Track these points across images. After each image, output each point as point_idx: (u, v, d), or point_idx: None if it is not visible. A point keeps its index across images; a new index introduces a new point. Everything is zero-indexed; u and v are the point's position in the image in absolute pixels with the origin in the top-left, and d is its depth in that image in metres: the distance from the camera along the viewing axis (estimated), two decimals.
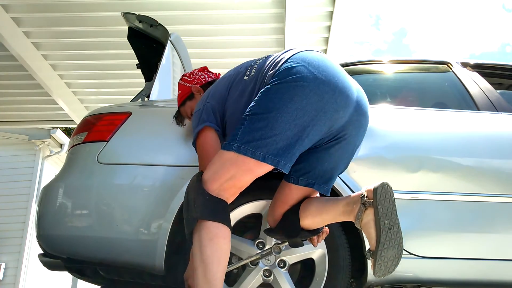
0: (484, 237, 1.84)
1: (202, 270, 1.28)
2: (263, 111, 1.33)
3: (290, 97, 1.31)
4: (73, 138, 1.97)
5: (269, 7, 4.02)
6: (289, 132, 1.31)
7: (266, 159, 1.31)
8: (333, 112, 1.36)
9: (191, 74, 1.87)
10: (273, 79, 1.37)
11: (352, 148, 1.52)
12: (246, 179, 1.37)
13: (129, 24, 2.49)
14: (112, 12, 3.95)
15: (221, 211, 1.34)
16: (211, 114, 1.57)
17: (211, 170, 1.37)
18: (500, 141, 1.96)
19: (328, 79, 1.35)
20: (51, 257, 1.84)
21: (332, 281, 1.73)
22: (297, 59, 1.39)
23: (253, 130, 1.32)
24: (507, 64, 2.41)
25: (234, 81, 1.59)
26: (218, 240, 1.30)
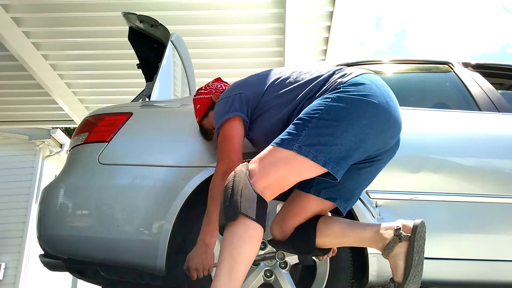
0: (484, 237, 1.84)
1: (229, 267, 1.22)
2: (333, 119, 1.32)
3: (363, 112, 1.33)
4: (74, 139, 1.97)
5: (269, 7, 4.02)
6: (352, 144, 1.32)
7: (327, 165, 1.30)
8: (388, 138, 1.41)
9: (207, 86, 1.82)
10: (346, 89, 1.37)
11: (378, 172, 1.54)
12: (293, 180, 1.34)
13: (130, 24, 2.49)
14: (112, 12, 3.95)
15: (263, 212, 1.29)
16: (244, 105, 1.55)
17: (260, 165, 1.32)
18: (501, 142, 1.96)
19: (392, 106, 1.39)
20: (52, 257, 1.84)
21: (334, 282, 1.73)
22: (368, 78, 1.41)
23: (319, 134, 1.30)
24: (508, 64, 2.40)
25: (274, 80, 1.58)
26: (253, 241, 1.25)
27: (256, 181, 1.30)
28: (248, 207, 1.26)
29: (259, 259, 1.70)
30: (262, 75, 1.65)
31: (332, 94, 1.37)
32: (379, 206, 1.80)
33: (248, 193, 1.27)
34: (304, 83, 1.50)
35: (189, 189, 1.74)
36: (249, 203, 1.26)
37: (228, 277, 1.21)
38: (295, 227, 1.51)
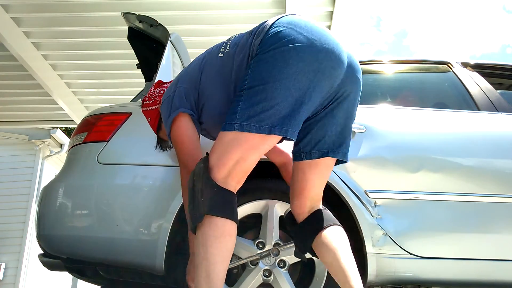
0: (484, 237, 1.84)
1: (205, 268, 1.21)
2: (259, 83, 1.25)
3: (285, 62, 1.25)
4: (73, 138, 1.97)
5: (269, 7, 4.02)
6: (290, 98, 1.24)
7: (272, 130, 1.23)
8: (330, 70, 1.29)
9: (149, 96, 1.69)
10: (262, 48, 1.30)
11: (354, 105, 1.44)
12: (253, 158, 1.28)
13: (129, 24, 2.49)
14: (112, 12, 3.95)
15: (229, 205, 1.26)
16: (183, 99, 1.48)
17: (214, 156, 1.28)
18: (500, 141, 1.96)
19: (318, 38, 1.29)
20: (51, 257, 1.84)
21: (332, 281, 1.73)
22: (283, 23, 1.32)
23: (252, 104, 1.24)
24: (508, 64, 2.41)
25: (206, 61, 1.50)
26: (224, 239, 1.22)
27: (215, 173, 1.26)
28: (211, 206, 1.23)
29: (256, 258, 1.71)
30: (196, 60, 1.56)
31: (252, 61, 1.31)
32: (378, 205, 1.80)
33: (210, 191, 1.24)
34: (231, 55, 1.43)
35: None
36: (212, 201, 1.24)
37: (207, 279, 1.20)
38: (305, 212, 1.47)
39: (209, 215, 1.23)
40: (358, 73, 1.40)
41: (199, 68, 1.51)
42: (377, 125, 1.93)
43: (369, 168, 1.85)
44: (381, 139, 1.90)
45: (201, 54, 1.57)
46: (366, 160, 1.86)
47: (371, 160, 1.86)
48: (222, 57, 1.46)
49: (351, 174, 1.83)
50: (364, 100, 2.15)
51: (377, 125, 1.93)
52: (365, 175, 1.84)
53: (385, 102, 2.31)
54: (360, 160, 1.85)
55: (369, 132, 1.90)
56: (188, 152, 1.47)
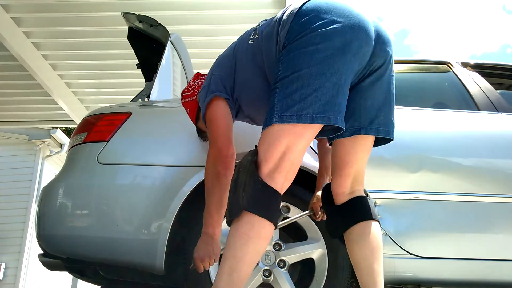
0: (483, 237, 1.84)
1: (229, 266, 1.15)
2: (292, 71, 1.22)
3: (315, 48, 1.22)
4: (73, 138, 1.97)
5: (269, 7, 4.02)
6: (328, 83, 1.20)
7: (315, 119, 1.19)
8: (358, 48, 1.27)
9: (188, 88, 1.74)
10: (289, 39, 1.28)
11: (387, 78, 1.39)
12: (299, 148, 1.23)
13: (129, 24, 2.49)
14: (112, 12, 3.95)
15: (272, 206, 1.20)
16: (220, 84, 1.49)
17: (261, 151, 1.24)
18: (500, 141, 1.96)
19: (344, 19, 1.26)
20: (51, 257, 1.84)
21: (332, 281, 1.73)
22: (307, 10, 1.30)
23: (289, 93, 1.21)
24: (507, 64, 2.41)
25: (238, 50, 1.52)
26: (258, 240, 1.17)
27: (262, 167, 1.22)
28: (252, 203, 1.17)
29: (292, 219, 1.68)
30: (228, 48, 1.57)
31: (282, 52, 1.29)
32: (378, 205, 1.81)
33: (253, 186, 1.19)
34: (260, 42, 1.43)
35: (188, 189, 1.74)
36: (254, 198, 1.18)
37: (229, 278, 1.15)
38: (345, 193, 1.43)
39: (249, 211, 1.17)
40: (387, 45, 1.37)
41: (233, 56, 1.52)
42: None
43: (369, 168, 1.85)
44: None
45: (232, 44, 1.58)
46: None
47: (371, 160, 1.85)
48: (253, 44, 1.46)
49: None
50: None
51: None
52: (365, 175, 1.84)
53: None
54: None
55: None
56: (222, 132, 1.47)
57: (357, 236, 1.36)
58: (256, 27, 1.51)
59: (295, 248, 1.76)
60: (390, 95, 1.40)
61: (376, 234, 1.37)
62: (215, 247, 1.49)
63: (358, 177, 1.45)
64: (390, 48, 1.38)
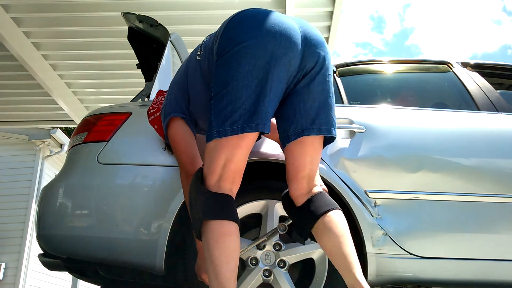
0: (484, 237, 1.84)
1: (213, 272, 1.25)
2: (221, 88, 1.31)
3: (237, 63, 1.30)
4: (73, 138, 1.97)
5: (269, 7, 4.01)
6: (253, 95, 1.29)
7: (244, 129, 1.29)
8: (282, 56, 1.32)
9: (152, 105, 1.80)
10: (218, 54, 1.37)
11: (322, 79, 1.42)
12: (238, 157, 1.33)
13: (129, 24, 2.49)
14: (112, 12, 3.95)
15: (224, 207, 1.30)
16: (174, 104, 1.59)
17: (205, 166, 1.35)
18: (500, 141, 1.96)
19: (265, 29, 1.33)
20: (51, 257, 1.84)
21: (332, 281, 1.73)
22: (232, 24, 1.38)
23: (222, 109, 1.30)
24: (507, 64, 2.41)
25: (189, 66, 1.61)
26: (224, 239, 1.26)
27: (208, 181, 1.33)
28: (205, 211, 1.29)
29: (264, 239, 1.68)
30: (182, 65, 1.67)
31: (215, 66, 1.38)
32: (378, 205, 1.81)
33: (203, 198, 1.31)
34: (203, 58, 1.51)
35: None
36: (206, 207, 1.29)
37: (216, 281, 1.24)
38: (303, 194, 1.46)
39: (205, 219, 1.29)
40: (317, 47, 1.40)
41: (184, 73, 1.62)
42: (377, 125, 1.93)
43: (369, 168, 1.85)
44: (381, 139, 1.90)
45: (185, 60, 1.67)
46: (366, 160, 1.86)
47: (371, 160, 1.86)
48: (200, 60, 1.54)
49: (351, 174, 1.83)
50: (364, 100, 2.15)
51: (377, 125, 1.93)
52: (365, 175, 1.84)
53: (385, 102, 2.31)
54: (360, 160, 1.85)
55: (369, 132, 1.90)
56: (183, 151, 1.57)
57: (323, 229, 1.40)
58: (202, 43, 1.57)
59: (295, 248, 1.76)
60: (327, 94, 1.43)
61: (339, 221, 1.41)
62: None
63: (312, 176, 1.48)
64: (321, 49, 1.41)
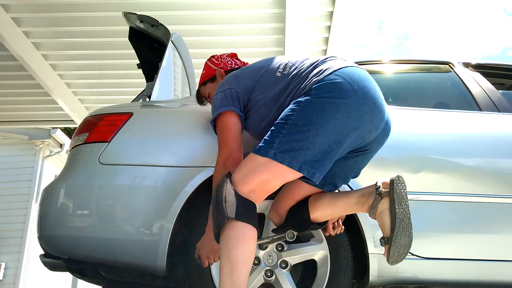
0: (485, 237, 1.84)
1: (228, 270, 1.28)
2: (304, 124, 1.34)
3: (332, 114, 1.34)
4: (74, 139, 1.97)
5: (269, 7, 4.02)
6: (326, 146, 1.34)
7: (302, 169, 1.33)
8: (367, 131, 1.42)
9: (219, 57, 1.90)
10: (317, 91, 1.38)
11: (367, 161, 1.58)
12: (276, 183, 1.40)
13: (130, 24, 2.48)
14: (112, 12, 3.94)
15: (251, 214, 1.35)
16: (236, 100, 1.59)
17: (241, 172, 1.38)
18: (502, 142, 1.96)
19: (369, 100, 1.40)
20: (52, 257, 1.83)
21: (334, 282, 1.73)
22: (344, 74, 1.41)
23: (292, 140, 1.34)
24: (509, 64, 2.40)
25: (263, 74, 1.61)
26: (246, 241, 1.31)
27: (240, 187, 1.36)
28: (234, 211, 1.32)
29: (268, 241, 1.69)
30: (253, 68, 1.67)
31: (303, 97, 1.40)
32: None
33: (232, 198, 1.34)
34: (289, 79, 1.52)
35: (190, 189, 1.74)
36: (234, 207, 1.32)
37: (230, 280, 1.26)
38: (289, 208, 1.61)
39: (232, 219, 1.31)
40: (387, 138, 1.55)
41: (256, 78, 1.61)
42: None
43: (369, 168, 1.84)
44: None
45: (259, 63, 1.68)
46: None
47: (372, 160, 1.85)
48: (279, 77, 1.55)
49: None
50: None
51: None
52: (366, 175, 1.83)
53: (386, 102, 2.31)
54: None
55: None
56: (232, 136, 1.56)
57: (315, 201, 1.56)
58: (288, 62, 1.59)
59: (297, 249, 1.76)
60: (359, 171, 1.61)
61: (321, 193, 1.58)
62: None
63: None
64: (387, 138, 1.56)
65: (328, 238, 1.75)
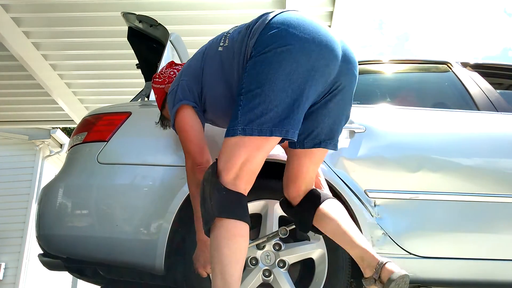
0: (484, 237, 1.84)
1: (220, 270, 1.23)
2: (256, 86, 1.28)
3: (278, 65, 1.27)
4: (73, 138, 1.97)
5: (269, 7, 4.02)
6: (288, 99, 1.27)
7: (274, 132, 1.27)
8: (324, 67, 1.32)
9: (160, 75, 1.78)
10: (257, 50, 1.32)
11: (349, 98, 1.46)
12: (258, 159, 1.32)
13: (129, 24, 2.49)
14: (112, 12, 3.95)
15: (239, 207, 1.29)
16: (186, 91, 1.53)
17: (222, 160, 1.32)
18: (500, 141, 1.96)
19: (311, 36, 1.31)
20: (51, 257, 1.84)
21: (332, 281, 1.73)
22: (276, 23, 1.33)
23: (252, 108, 1.27)
24: (507, 64, 2.41)
25: (207, 55, 1.54)
26: (236, 240, 1.25)
27: (224, 176, 1.30)
28: (221, 208, 1.26)
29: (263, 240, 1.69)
30: (198, 53, 1.60)
31: (248, 63, 1.34)
32: (377, 205, 1.81)
33: (218, 194, 1.28)
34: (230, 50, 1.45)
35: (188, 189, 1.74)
36: (221, 204, 1.27)
37: (222, 281, 1.22)
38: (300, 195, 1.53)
39: (219, 217, 1.26)
40: (353, 66, 1.42)
41: (201, 60, 1.55)
42: (377, 125, 1.93)
43: (369, 168, 1.85)
44: (381, 139, 1.90)
45: (202, 47, 1.60)
46: (366, 160, 1.86)
47: (371, 160, 1.86)
48: (222, 51, 1.49)
49: (351, 174, 1.83)
50: (364, 100, 2.15)
51: (377, 125, 1.93)
52: (365, 175, 1.84)
53: (385, 102, 2.31)
54: (360, 160, 1.85)
55: (369, 132, 1.90)
56: (192, 140, 1.53)
57: (322, 216, 1.47)
58: (226, 34, 1.53)
59: (295, 248, 1.76)
60: (347, 112, 1.50)
61: (335, 206, 1.49)
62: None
63: (310, 181, 1.55)
64: (355, 69, 1.44)
65: (326, 237, 1.75)
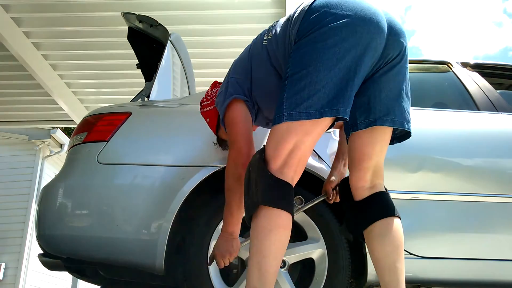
0: (484, 237, 1.84)
1: (258, 261, 1.18)
2: (300, 68, 1.24)
3: (323, 44, 1.23)
4: (73, 138, 1.97)
5: (269, 7, 4.02)
6: (335, 78, 1.22)
7: (323, 113, 1.20)
8: (370, 41, 1.26)
9: (206, 97, 1.72)
10: (299, 36, 1.29)
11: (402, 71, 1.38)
12: (307, 145, 1.26)
13: (129, 24, 2.49)
14: (112, 12, 3.95)
15: (285, 196, 1.23)
16: (237, 86, 1.50)
17: (270, 148, 1.26)
18: (500, 141, 1.96)
19: (354, 12, 1.26)
20: (51, 257, 1.84)
21: (332, 281, 1.73)
22: (316, 7, 1.30)
23: (298, 91, 1.22)
24: (507, 64, 2.41)
25: (253, 51, 1.52)
26: (278, 231, 1.19)
27: (272, 164, 1.24)
28: (266, 197, 1.21)
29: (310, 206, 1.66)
30: (244, 50, 1.59)
31: (293, 48, 1.31)
32: None
33: (265, 182, 1.23)
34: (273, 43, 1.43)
35: (188, 189, 1.74)
36: (267, 192, 1.22)
37: (259, 272, 1.18)
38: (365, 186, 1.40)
39: (263, 205, 1.21)
40: (400, 36, 1.35)
41: (248, 58, 1.53)
42: None
43: None
44: None
45: (247, 47, 1.59)
46: None
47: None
48: (266, 44, 1.46)
49: None
50: None
51: None
52: None
53: None
54: None
55: None
56: (241, 132, 1.48)
57: (379, 233, 1.34)
58: (269, 28, 1.51)
59: (295, 248, 1.76)
60: (405, 86, 1.38)
61: (398, 231, 1.35)
62: (235, 244, 1.54)
63: (378, 170, 1.42)
64: (404, 39, 1.36)
65: (326, 237, 1.75)
